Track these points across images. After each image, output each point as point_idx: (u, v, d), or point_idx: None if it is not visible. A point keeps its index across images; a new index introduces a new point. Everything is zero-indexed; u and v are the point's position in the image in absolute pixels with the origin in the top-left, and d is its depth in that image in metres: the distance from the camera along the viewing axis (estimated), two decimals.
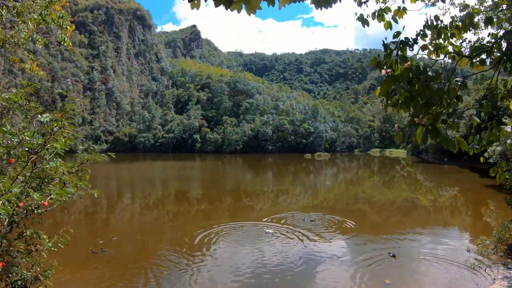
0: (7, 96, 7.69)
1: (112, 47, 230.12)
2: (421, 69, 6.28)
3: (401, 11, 7.23)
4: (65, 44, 10.05)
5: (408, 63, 6.44)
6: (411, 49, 6.80)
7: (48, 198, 7.52)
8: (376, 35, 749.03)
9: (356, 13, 7.42)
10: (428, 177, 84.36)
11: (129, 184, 72.95)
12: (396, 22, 7.38)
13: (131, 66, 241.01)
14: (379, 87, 6.76)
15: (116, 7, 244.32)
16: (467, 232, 35.86)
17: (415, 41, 6.77)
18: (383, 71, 6.53)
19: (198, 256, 26.30)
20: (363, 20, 7.44)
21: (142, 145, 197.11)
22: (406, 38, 6.62)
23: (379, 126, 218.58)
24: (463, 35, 7.47)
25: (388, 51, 6.54)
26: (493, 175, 9.36)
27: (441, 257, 25.55)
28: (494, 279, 20.26)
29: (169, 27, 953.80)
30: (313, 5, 6.72)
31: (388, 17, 7.35)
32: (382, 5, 7.76)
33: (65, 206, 8.60)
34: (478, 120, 7.15)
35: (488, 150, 66.03)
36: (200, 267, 24.23)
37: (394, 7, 7.60)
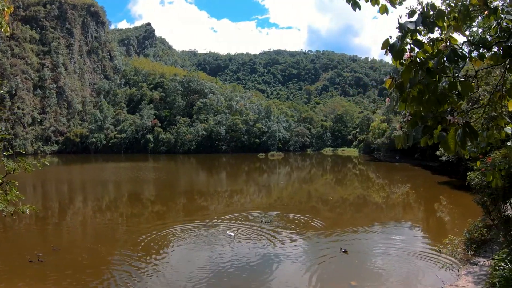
0: None
1: (64, 44, 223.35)
2: (460, 53, 5.36)
3: None
4: (2, 30, 8.66)
5: (443, 44, 5.60)
6: (431, 32, 5.83)
7: None
8: (329, 37, 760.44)
9: None
10: (380, 175, 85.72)
11: (81, 187, 71.07)
12: (394, 5, 6.64)
13: (83, 64, 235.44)
14: (387, 78, 5.97)
15: (70, 2, 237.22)
16: (419, 226, 36.65)
17: (435, 23, 5.73)
18: (406, 55, 5.60)
19: (151, 260, 25.82)
20: (354, 3, 6.75)
21: (94, 146, 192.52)
22: (425, 16, 5.61)
23: (332, 126, 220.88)
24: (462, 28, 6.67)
25: (403, 32, 5.54)
26: (490, 179, 8.83)
27: (402, 253, 25.97)
28: (459, 275, 20.64)
29: (123, 25, 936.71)
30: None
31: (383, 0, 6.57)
32: None
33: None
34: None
35: (440, 149, 67.79)
36: (154, 271, 23.76)
37: None
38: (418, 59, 5.60)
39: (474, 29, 22.49)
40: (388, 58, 5.88)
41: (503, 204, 15.40)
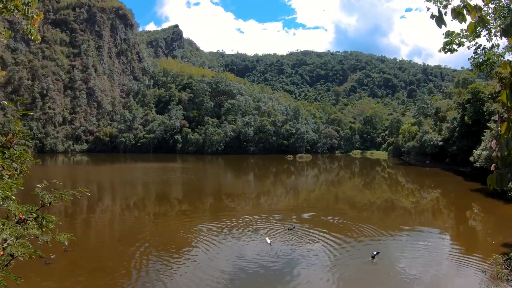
0: None
1: (93, 46, 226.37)
2: None
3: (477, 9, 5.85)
4: (32, 37, 8.12)
5: None
6: None
7: None
8: (356, 37, 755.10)
9: (428, 8, 6.12)
10: (410, 179, 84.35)
11: (110, 189, 71.25)
12: (484, 25, 5.91)
13: (113, 65, 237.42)
14: (498, 120, 5.14)
15: (98, 6, 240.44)
16: (456, 236, 35.75)
17: None
18: None
19: (180, 259, 25.94)
20: (439, 20, 6.10)
21: (123, 145, 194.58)
22: None
23: (360, 128, 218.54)
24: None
25: None
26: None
27: (439, 266, 25.37)
28: None
29: (151, 27, 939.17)
30: None
31: (469, 17, 5.85)
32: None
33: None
34: None
35: (474, 155, 66.29)
36: (183, 270, 23.83)
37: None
38: None
39: None
40: (418, 59, 5.12)
41: None
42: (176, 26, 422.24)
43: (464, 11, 5.65)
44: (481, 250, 27.95)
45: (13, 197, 6.13)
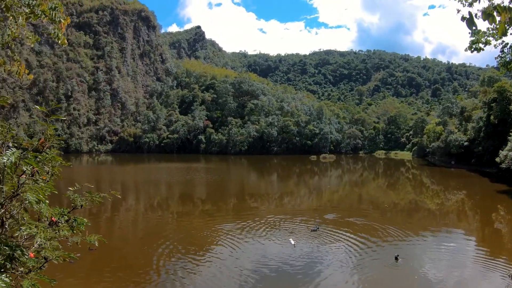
0: None
1: (117, 48, 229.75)
2: None
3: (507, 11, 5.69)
4: (59, 42, 8.38)
5: None
6: None
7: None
8: (379, 36, 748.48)
9: (458, 10, 6.09)
10: (435, 181, 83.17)
11: (134, 189, 71.74)
12: None
13: (136, 67, 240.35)
14: None
15: (121, 8, 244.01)
16: (482, 238, 35.19)
17: None
18: None
19: (203, 257, 26.13)
20: (470, 22, 5.99)
21: (147, 146, 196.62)
22: None
23: (384, 128, 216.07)
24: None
25: None
26: None
27: (464, 270, 25.10)
28: None
29: (173, 28, 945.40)
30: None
31: (498, 18, 5.73)
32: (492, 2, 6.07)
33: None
34: None
35: (500, 155, 65.15)
36: (207, 268, 23.93)
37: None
38: None
39: None
40: (442, 57, 5.12)
41: None
42: (199, 27, 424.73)
43: (494, 13, 5.61)
44: (507, 253, 27.54)
45: (47, 201, 6.19)
